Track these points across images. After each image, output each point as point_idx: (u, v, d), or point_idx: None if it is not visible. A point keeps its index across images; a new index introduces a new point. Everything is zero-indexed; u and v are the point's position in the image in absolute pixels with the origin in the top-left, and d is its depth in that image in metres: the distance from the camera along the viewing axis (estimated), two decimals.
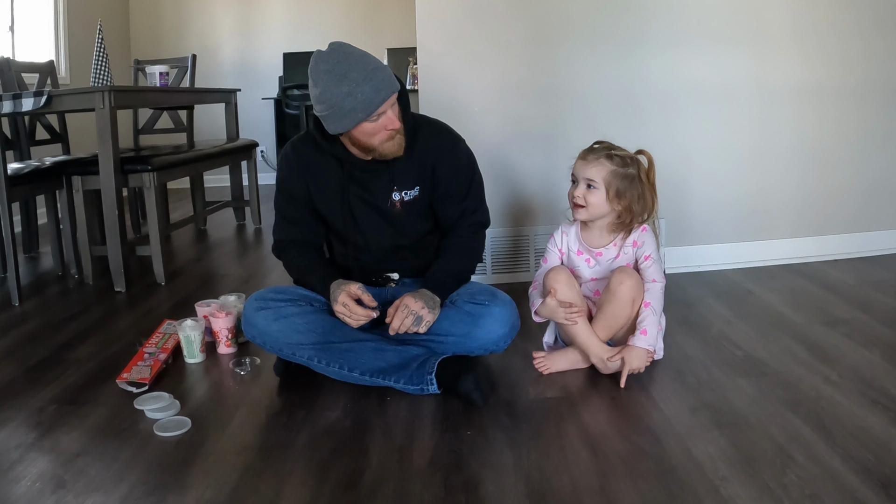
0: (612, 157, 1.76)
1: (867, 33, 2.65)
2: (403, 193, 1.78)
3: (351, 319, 1.69)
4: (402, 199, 1.78)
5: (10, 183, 2.59)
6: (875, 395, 1.61)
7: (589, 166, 1.77)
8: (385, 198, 1.78)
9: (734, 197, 2.70)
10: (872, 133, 2.73)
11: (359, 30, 5.89)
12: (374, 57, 1.63)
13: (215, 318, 2.02)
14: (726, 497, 1.25)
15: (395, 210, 1.78)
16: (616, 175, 1.75)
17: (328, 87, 1.57)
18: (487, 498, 1.29)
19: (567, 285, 1.77)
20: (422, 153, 1.77)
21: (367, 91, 1.56)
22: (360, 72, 1.56)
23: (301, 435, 1.55)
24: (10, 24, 4.15)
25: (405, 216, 1.80)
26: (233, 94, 4.05)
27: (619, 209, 1.78)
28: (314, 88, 1.60)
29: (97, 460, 1.46)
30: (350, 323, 1.70)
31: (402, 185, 1.78)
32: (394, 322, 1.67)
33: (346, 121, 1.60)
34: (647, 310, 1.75)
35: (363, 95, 1.56)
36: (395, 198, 1.78)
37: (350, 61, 1.57)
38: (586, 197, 1.77)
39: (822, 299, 2.33)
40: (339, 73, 1.56)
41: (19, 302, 2.59)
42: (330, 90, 1.57)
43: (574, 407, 1.64)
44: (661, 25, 2.56)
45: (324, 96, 1.58)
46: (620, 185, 1.75)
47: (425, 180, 1.79)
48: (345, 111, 1.58)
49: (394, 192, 1.78)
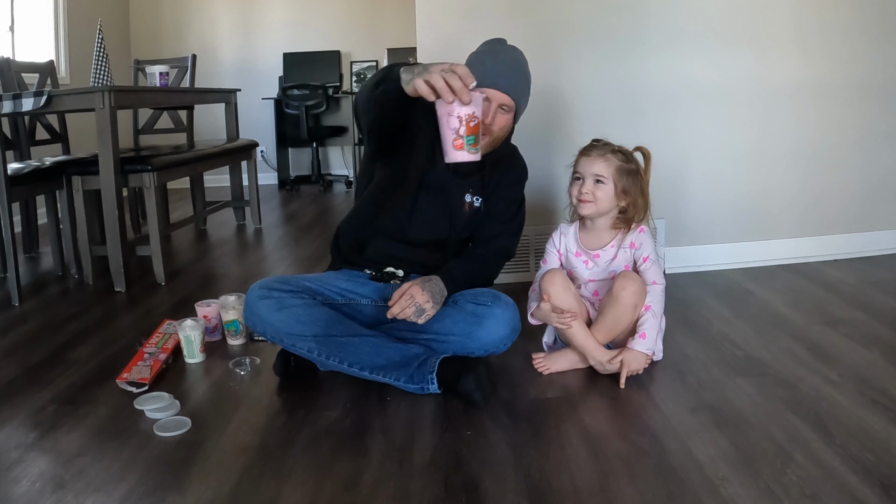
0: (616, 152, 1.79)
1: (868, 32, 2.65)
2: (475, 199, 1.85)
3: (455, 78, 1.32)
4: (472, 204, 1.85)
5: (10, 183, 2.59)
6: (875, 395, 1.61)
7: (596, 162, 1.78)
8: (458, 198, 1.84)
9: (734, 197, 2.70)
10: (873, 133, 2.73)
11: (359, 30, 5.89)
12: (529, 74, 1.79)
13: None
14: (726, 497, 1.25)
15: (463, 211, 1.84)
16: (622, 170, 1.78)
17: (479, 50, 1.76)
18: (487, 498, 1.29)
19: (562, 288, 1.77)
20: (502, 171, 1.87)
21: (493, 69, 1.67)
22: (506, 62, 1.72)
23: (301, 435, 1.55)
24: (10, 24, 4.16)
25: (467, 220, 1.85)
26: (233, 94, 4.05)
27: (624, 205, 1.80)
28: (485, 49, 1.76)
29: (97, 460, 1.46)
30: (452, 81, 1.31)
31: (476, 192, 1.85)
32: (394, 307, 1.67)
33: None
34: (648, 313, 1.75)
35: (488, 68, 1.67)
36: (467, 200, 1.84)
37: (511, 54, 1.74)
38: (595, 192, 1.78)
39: (823, 299, 2.33)
40: (494, 50, 1.74)
41: (19, 302, 2.59)
42: (477, 52, 1.76)
43: (574, 407, 1.64)
44: (661, 25, 2.56)
45: (471, 54, 1.74)
46: (626, 180, 1.78)
47: (491, 195, 1.87)
48: (469, 63, 1.69)
49: (468, 195, 1.84)
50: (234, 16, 5.89)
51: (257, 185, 4.08)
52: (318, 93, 5.31)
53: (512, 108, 1.74)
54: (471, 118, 1.34)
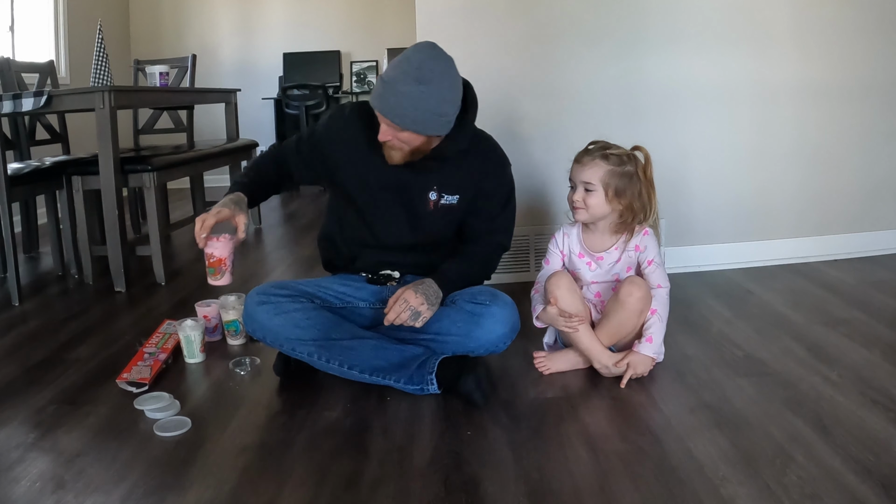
0: (608, 156, 1.75)
1: (868, 32, 2.65)
2: (442, 196, 1.78)
3: (197, 225, 1.68)
4: (438, 202, 1.79)
5: (10, 183, 2.59)
6: (875, 395, 1.61)
7: (584, 169, 1.76)
8: (422, 196, 1.78)
9: (734, 197, 2.70)
10: (873, 133, 2.73)
11: (359, 30, 5.89)
12: (441, 87, 1.58)
13: (213, 241, 1.75)
14: (726, 497, 1.25)
15: (427, 209, 1.79)
16: (613, 174, 1.74)
17: (392, 64, 1.61)
18: (487, 498, 1.29)
19: (569, 291, 1.76)
20: (474, 164, 1.79)
21: (377, 91, 1.60)
22: (390, 89, 1.56)
23: (301, 435, 1.55)
24: (10, 24, 4.16)
25: (435, 218, 1.80)
26: (233, 94, 4.05)
27: (620, 208, 1.77)
28: (396, 63, 1.62)
29: (97, 460, 1.46)
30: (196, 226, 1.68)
31: (444, 189, 1.78)
32: (390, 314, 1.67)
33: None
34: (654, 317, 1.74)
35: (376, 88, 1.61)
36: (431, 197, 1.78)
37: (401, 87, 1.55)
38: (585, 200, 1.76)
39: (822, 299, 2.33)
40: (391, 75, 1.57)
41: (19, 302, 2.59)
42: (389, 66, 1.62)
43: (574, 407, 1.64)
44: (662, 24, 2.56)
45: (389, 73, 1.60)
46: (619, 183, 1.74)
47: (469, 190, 1.80)
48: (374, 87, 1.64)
49: (432, 192, 1.78)
50: (234, 16, 5.89)
51: None
52: (318, 93, 5.31)
53: (399, 128, 1.61)
54: (210, 256, 1.69)
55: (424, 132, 1.62)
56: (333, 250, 1.95)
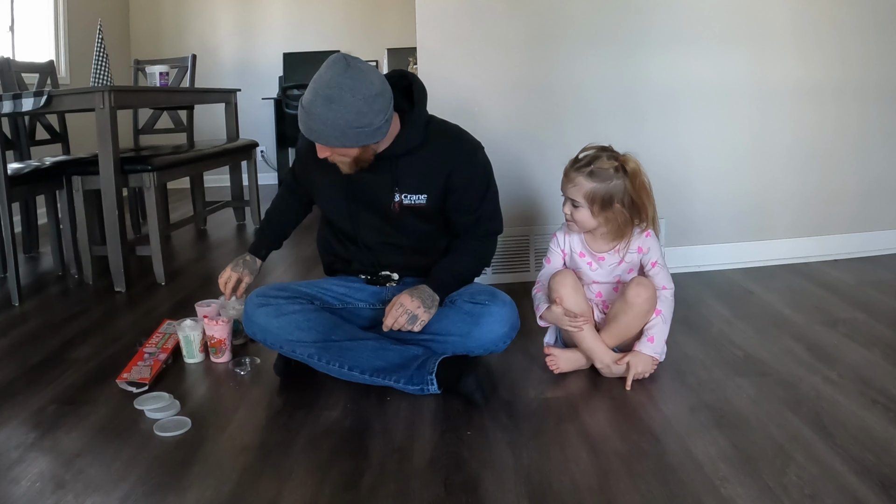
0: (593, 172, 1.71)
1: (867, 33, 2.65)
2: (404, 197, 1.73)
3: (222, 281, 1.92)
4: (402, 202, 1.74)
5: (10, 183, 2.59)
6: (875, 395, 1.61)
7: (570, 186, 1.75)
8: (387, 198, 1.74)
9: (734, 196, 2.70)
10: (872, 132, 2.73)
11: (359, 30, 5.89)
12: (355, 100, 1.53)
13: (213, 325, 1.96)
14: (726, 497, 1.25)
15: (395, 212, 1.75)
16: (597, 191, 1.71)
17: (308, 86, 1.58)
18: (487, 498, 1.29)
19: (573, 290, 1.76)
20: (434, 159, 1.71)
21: (300, 113, 1.58)
22: (307, 110, 1.54)
23: (301, 435, 1.55)
24: (10, 24, 4.15)
25: (405, 219, 1.76)
26: (233, 94, 4.05)
27: (609, 220, 1.75)
28: (311, 84, 1.58)
29: (97, 460, 1.46)
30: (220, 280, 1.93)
31: (406, 189, 1.73)
32: (387, 319, 1.67)
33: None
34: (658, 318, 1.74)
35: (299, 115, 1.59)
36: (395, 199, 1.74)
37: (316, 109, 1.53)
38: (573, 215, 1.77)
39: (822, 299, 2.33)
40: (315, 89, 1.55)
41: (19, 302, 2.59)
42: (306, 96, 1.57)
43: (574, 407, 1.64)
44: (661, 25, 2.56)
45: (305, 97, 1.56)
46: (604, 198, 1.71)
47: (437, 187, 1.73)
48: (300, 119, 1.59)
49: (395, 194, 1.73)
50: (234, 16, 5.88)
51: (257, 185, 4.08)
52: None
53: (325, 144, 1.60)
54: (211, 338, 1.98)
55: (355, 145, 1.57)
56: (331, 254, 1.95)
